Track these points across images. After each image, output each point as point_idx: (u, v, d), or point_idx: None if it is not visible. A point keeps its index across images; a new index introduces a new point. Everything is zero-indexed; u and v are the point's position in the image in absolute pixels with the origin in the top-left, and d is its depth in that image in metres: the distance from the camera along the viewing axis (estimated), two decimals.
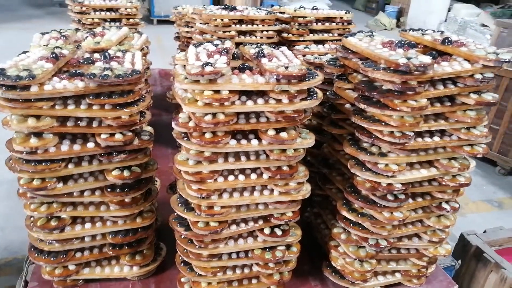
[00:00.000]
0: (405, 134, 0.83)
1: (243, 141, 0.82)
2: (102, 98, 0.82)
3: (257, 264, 0.95)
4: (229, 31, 1.40)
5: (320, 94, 0.84)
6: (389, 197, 0.89)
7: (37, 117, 0.81)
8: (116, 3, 1.70)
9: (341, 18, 1.54)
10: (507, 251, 1.36)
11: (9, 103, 0.78)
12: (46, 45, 1.02)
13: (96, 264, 1.00)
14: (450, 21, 7.65)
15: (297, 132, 0.83)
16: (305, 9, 1.54)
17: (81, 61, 0.94)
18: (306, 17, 1.49)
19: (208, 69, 0.74)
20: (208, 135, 0.79)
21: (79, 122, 0.85)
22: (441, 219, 0.97)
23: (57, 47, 0.98)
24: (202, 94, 0.76)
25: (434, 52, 0.86)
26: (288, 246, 0.96)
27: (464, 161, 0.91)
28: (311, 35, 1.53)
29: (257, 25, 1.42)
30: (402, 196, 0.90)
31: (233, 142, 0.81)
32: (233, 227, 0.89)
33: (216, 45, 0.91)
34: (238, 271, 0.96)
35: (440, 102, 0.85)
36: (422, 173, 0.89)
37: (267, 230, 0.92)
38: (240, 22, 1.43)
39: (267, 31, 1.43)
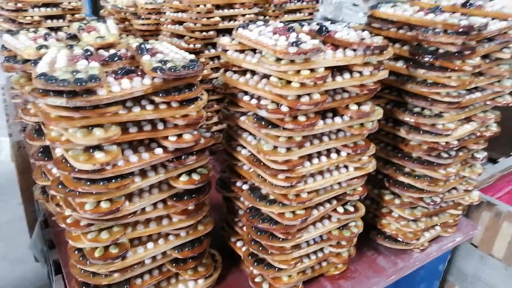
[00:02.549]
0: (460, 93, 0.89)
1: (328, 121, 0.79)
2: (173, 94, 0.72)
3: (330, 245, 0.94)
4: (213, 17, 1.32)
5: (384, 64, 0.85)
6: (444, 154, 0.95)
7: (100, 126, 0.67)
8: None
9: None
10: (486, 189, 1.56)
11: (72, 113, 0.63)
12: (43, 46, 0.85)
13: (156, 287, 0.88)
14: (326, 3, 8.26)
15: (373, 104, 0.83)
16: None
17: (107, 59, 0.80)
18: None
19: (306, 46, 0.69)
20: (302, 118, 0.74)
21: (142, 126, 0.73)
22: (473, 168, 1.07)
23: (70, 45, 0.82)
24: (297, 75, 0.71)
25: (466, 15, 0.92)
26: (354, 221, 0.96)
27: (495, 112, 1.00)
28: (286, 16, 1.52)
29: (238, 8, 1.37)
30: (453, 152, 0.96)
31: (320, 123, 0.78)
32: (315, 212, 0.86)
33: (266, 24, 0.85)
34: (313, 257, 0.93)
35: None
36: (467, 128, 0.96)
37: (340, 209, 0.91)
38: (218, 7, 1.36)
39: (248, 14, 1.38)
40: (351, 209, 0.92)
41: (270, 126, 0.76)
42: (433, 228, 1.11)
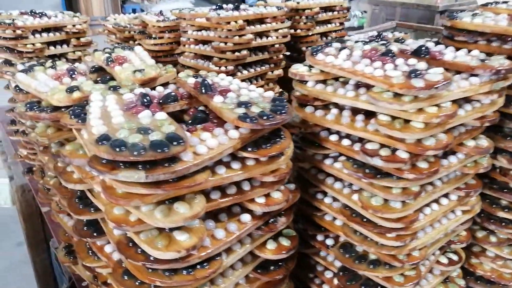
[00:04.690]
0: None
1: (444, 162, 0.64)
2: (264, 147, 0.56)
3: None
4: (244, 35, 1.16)
5: None
6: None
7: (180, 198, 0.51)
8: (60, 20, 1.28)
9: (341, 5, 1.42)
10: None
11: (151, 190, 0.46)
12: (74, 88, 0.68)
13: None
14: None
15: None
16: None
17: (161, 100, 0.64)
18: (312, 8, 1.32)
19: (434, 77, 0.54)
20: (423, 165, 0.59)
21: (225, 189, 0.57)
22: None
23: (114, 86, 0.66)
24: (421, 113, 0.56)
25: None
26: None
27: None
28: (318, 27, 1.38)
29: (270, 23, 1.21)
30: None
31: None
32: (422, 269, 0.72)
33: (345, 47, 0.70)
34: None
35: None
36: None
37: (443, 259, 0.77)
38: (248, 23, 1.20)
39: (281, 29, 1.23)
40: (455, 257, 0.78)
41: (379, 176, 0.61)
42: None
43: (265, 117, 0.54)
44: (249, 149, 0.55)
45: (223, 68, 1.16)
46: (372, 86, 0.60)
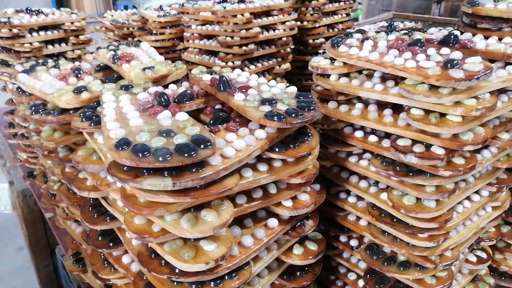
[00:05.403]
0: None
1: (478, 156, 0.61)
2: (292, 146, 0.52)
3: None
4: (251, 28, 1.12)
5: None
6: None
7: (206, 205, 0.47)
8: (58, 17, 1.23)
9: None
10: None
11: (178, 198, 0.42)
12: (82, 89, 0.64)
13: None
14: None
15: None
16: None
17: (176, 99, 0.60)
18: None
19: (474, 67, 0.51)
20: (459, 161, 0.56)
21: (251, 193, 0.53)
22: None
23: (126, 85, 0.62)
24: (458, 106, 0.52)
25: None
26: None
27: None
28: (324, 19, 1.33)
29: (276, 15, 1.17)
30: None
31: None
32: (453, 269, 0.68)
33: (368, 37, 0.66)
34: None
35: None
36: None
37: (472, 258, 0.74)
38: (253, 15, 1.16)
39: (288, 21, 1.19)
40: (483, 255, 0.75)
41: (411, 173, 0.57)
42: None
43: (293, 115, 0.50)
44: (277, 149, 0.51)
45: (229, 63, 1.11)
46: (402, 79, 0.57)
